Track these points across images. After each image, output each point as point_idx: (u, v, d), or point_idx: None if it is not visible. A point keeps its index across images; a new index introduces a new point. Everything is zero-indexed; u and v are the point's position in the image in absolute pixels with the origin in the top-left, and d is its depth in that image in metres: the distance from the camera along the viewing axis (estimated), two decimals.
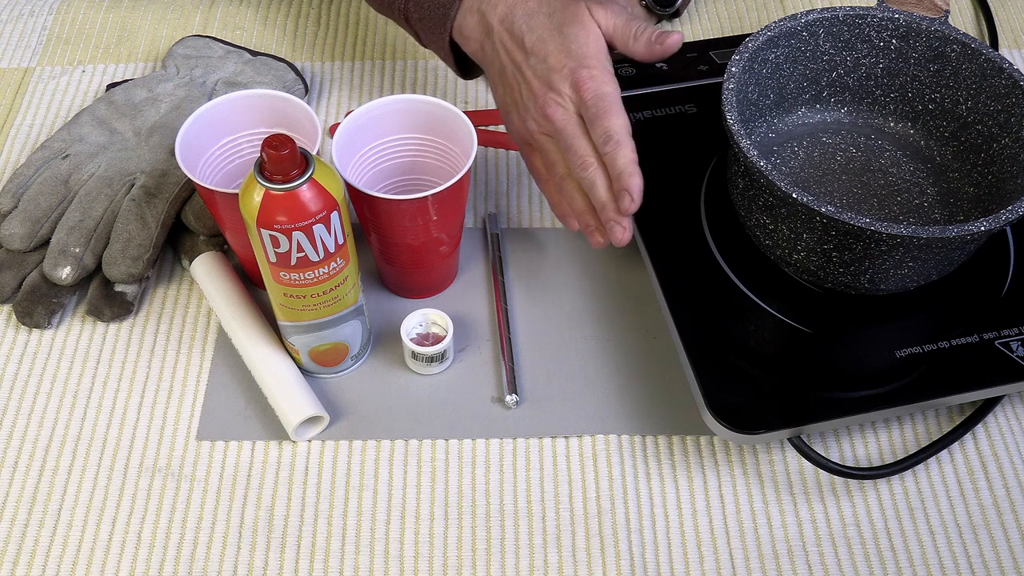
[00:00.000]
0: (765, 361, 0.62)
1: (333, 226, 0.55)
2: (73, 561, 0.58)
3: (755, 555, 0.59)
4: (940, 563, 0.59)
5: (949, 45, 0.67)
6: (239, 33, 0.87)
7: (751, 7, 0.91)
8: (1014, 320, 0.63)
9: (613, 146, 0.60)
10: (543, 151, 0.64)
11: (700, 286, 0.65)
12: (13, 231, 0.68)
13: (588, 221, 0.64)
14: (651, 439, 0.63)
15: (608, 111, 0.60)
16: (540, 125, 0.63)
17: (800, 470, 0.62)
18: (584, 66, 0.61)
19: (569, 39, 0.62)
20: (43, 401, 0.65)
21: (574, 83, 0.61)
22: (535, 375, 0.66)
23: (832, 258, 0.61)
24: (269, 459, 0.62)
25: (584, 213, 0.64)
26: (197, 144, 0.64)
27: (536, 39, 0.62)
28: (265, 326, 0.65)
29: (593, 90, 0.60)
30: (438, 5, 0.66)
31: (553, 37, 0.62)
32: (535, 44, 0.62)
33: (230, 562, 0.58)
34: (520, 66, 0.63)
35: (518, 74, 0.64)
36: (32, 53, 0.86)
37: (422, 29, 0.69)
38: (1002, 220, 0.57)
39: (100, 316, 0.68)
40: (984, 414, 0.64)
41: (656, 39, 0.62)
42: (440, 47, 0.69)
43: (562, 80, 0.61)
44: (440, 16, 0.67)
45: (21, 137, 0.80)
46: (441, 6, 0.66)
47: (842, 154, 0.71)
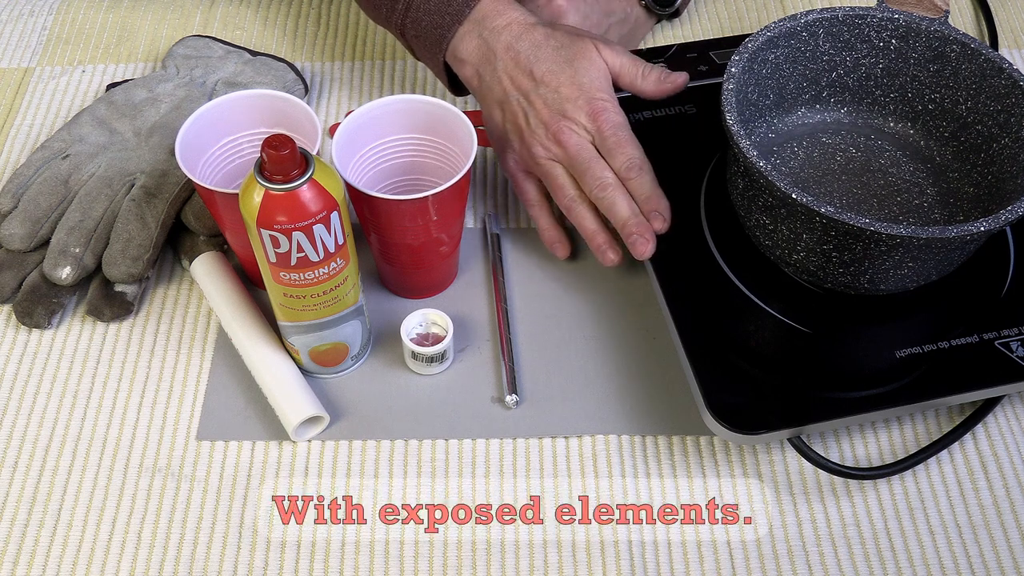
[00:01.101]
0: (765, 361, 0.62)
1: (333, 226, 0.55)
2: (73, 561, 0.58)
3: (755, 555, 0.59)
4: (940, 563, 0.59)
5: (949, 45, 0.67)
6: (239, 33, 0.88)
7: (751, 7, 0.91)
8: (1014, 320, 0.63)
9: (637, 172, 0.64)
10: (548, 176, 0.67)
11: (700, 286, 0.65)
12: (13, 231, 0.68)
13: (599, 241, 0.67)
14: (651, 439, 0.63)
15: (627, 141, 0.64)
16: (548, 151, 0.66)
17: (800, 470, 0.62)
18: (598, 98, 0.65)
19: (580, 72, 0.65)
20: (43, 401, 0.65)
21: (590, 113, 0.64)
22: (535, 375, 0.66)
23: (832, 258, 0.61)
24: (269, 459, 0.62)
25: (596, 233, 0.67)
26: (197, 144, 0.64)
27: (546, 70, 0.65)
28: (265, 326, 0.65)
29: (611, 121, 0.64)
30: (436, 26, 0.67)
31: (563, 69, 0.65)
32: (545, 74, 0.65)
33: (230, 562, 0.58)
34: (528, 94, 0.66)
35: (524, 101, 0.66)
36: (32, 53, 0.86)
37: (418, 46, 0.70)
38: (1002, 220, 0.57)
39: (100, 316, 0.68)
40: (984, 414, 0.64)
41: (665, 78, 0.67)
42: (434, 64, 0.70)
43: (577, 110, 0.65)
44: (436, 37, 0.68)
45: (21, 137, 0.80)
46: (439, 27, 0.67)
47: (842, 154, 0.71)
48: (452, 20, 0.66)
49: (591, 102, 0.64)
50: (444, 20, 0.66)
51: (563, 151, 0.65)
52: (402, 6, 0.68)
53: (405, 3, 0.68)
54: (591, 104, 0.64)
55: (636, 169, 0.64)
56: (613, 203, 0.64)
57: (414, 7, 0.68)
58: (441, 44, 0.67)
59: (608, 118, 0.64)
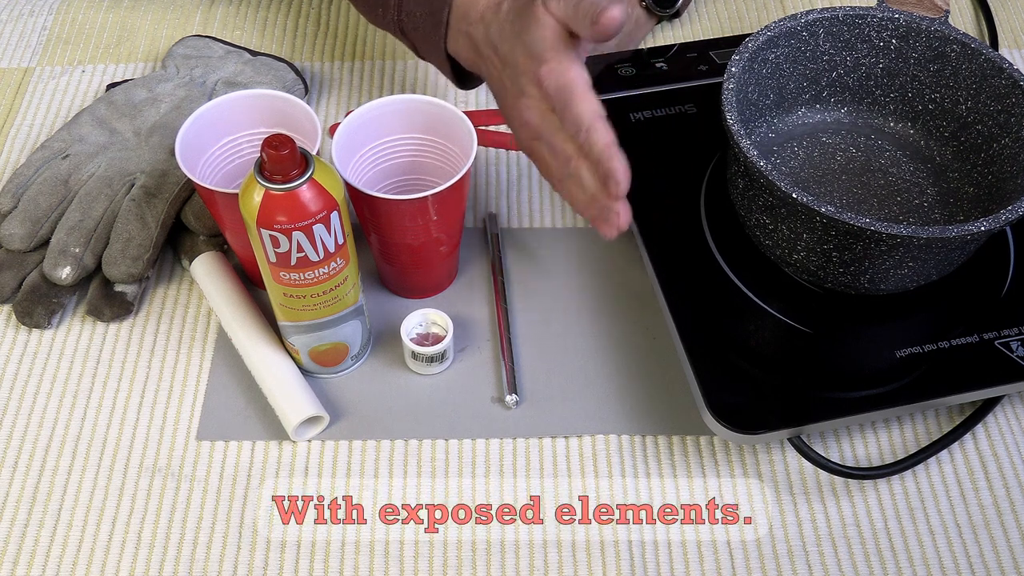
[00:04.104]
0: (765, 361, 0.62)
1: (333, 226, 0.55)
2: (73, 561, 0.58)
3: (755, 555, 0.59)
4: (940, 563, 0.59)
5: (949, 45, 0.67)
6: (239, 33, 0.87)
7: (751, 7, 0.91)
8: (1014, 320, 0.63)
9: (585, 134, 0.57)
10: (539, 157, 0.63)
11: (700, 286, 0.65)
12: (13, 231, 0.68)
13: (593, 213, 0.61)
14: (651, 439, 0.63)
15: (571, 99, 0.58)
16: (524, 132, 0.62)
17: (800, 470, 0.62)
18: (542, 61, 0.59)
19: (529, 42, 0.60)
20: (43, 401, 0.65)
21: (536, 81, 0.59)
22: (535, 375, 0.66)
23: (832, 258, 0.61)
24: (269, 459, 0.62)
25: (587, 206, 0.61)
26: (197, 144, 0.64)
27: (507, 50, 0.61)
28: (265, 326, 0.65)
29: (553, 82, 0.58)
30: (430, 12, 0.66)
31: (517, 43, 0.60)
32: (507, 55, 0.61)
33: (230, 562, 0.58)
34: (503, 79, 0.63)
35: (503, 88, 0.63)
36: (32, 53, 0.86)
37: (418, 39, 0.69)
38: (1002, 220, 0.57)
39: (100, 316, 0.68)
40: (984, 414, 0.64)
41: (597, 17, 0.56)
42: (437, 56, 0.69)
43: (528, 82, 0.60)
44: (433, 23, 0.66)
45: (21, 137, 0.80)
46: (432, 12, 0.66)
47: (842, 154, 0.71)
48: (440, 4, 0.65)
49: (536, 69, 0.59)
50: (434, 6, 0.66)
51: (531, 130, 0.61)
52: (395, 2, 0.68)
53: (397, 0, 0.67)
54: (536, 72, 0.59)
55: (583, 131, 0.57)
56: (579, 178, 0.59)
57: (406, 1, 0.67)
58: (439, 31, 0.66)
59: (549, 81, 0.58)
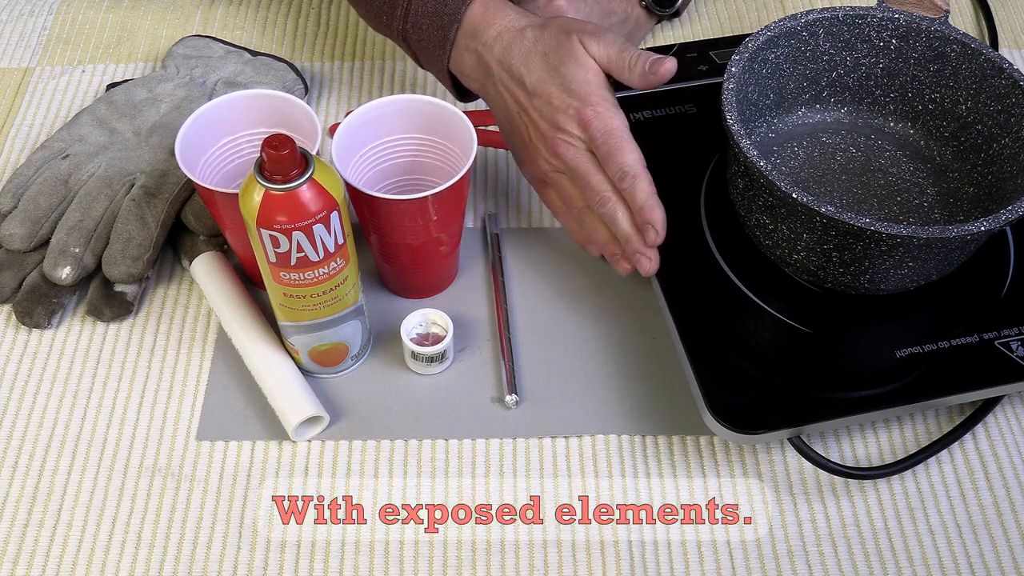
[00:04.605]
0: (765, 361, 0.62)
1: (333, 226, 0.55)
2: (73, 561, 0.58)
3: (755, 555, 0.59)
4: (940, 563, 0.59)
5: (949, 45, 0.67)
6: (239, 33, 0.87)
7: (751, 7, 0.91)
8: (1014, 320, 0.63)
9: (630, 181, 0.62)
10: (559, 187, 0.66)
11: (700, 286, 0.65)
12: (13, 231, 0.68)
13: (613, 250, 0.66)
14: (651, 439, 0.63)
15: (619, 147, 0.62)
16: (551, 164, 0.65)
17: (800, 470, 0.62)
18: (588, 104, 0.62)
19: (568, 79, 0.63)
20: (43, 401, 0.65)
21: (581, 123, 0.62)
22: (535, 375, 0.66)
23: (832, 258, 0.61)
24: (269, 459, 0.62)
25: (608, 243, 0.66)
26: (197, 144, 0.64)
27: (536, 80, 0.64)
28: (265, 326, 0.65)
29: (601, 128, 0.62)
30: (436, 28, 0.66)
31: (552, 78, 0.63)
32: (536, 85, 0.64)
33: (230, 562, 0.58)
34: (525, 108, 0.65)
35: (524, 116, 0.65)
36: (32, 53, 0.86)
37: (421, 52, 0.69)
38: (1002, 220, 0.57)
39: (100, 316, 0.68)
40: (984, 414, 0.64)
41: (650, 68, 0.63)
42: (439, 71, 0.69)
43: (568, 120, 0.63)
44: (439, 39, 0.67)
45: (21, 137, 0.80)
46: (439, 28, 0.66)
47: (842, 154, 0.71)
48: (450, 20, 0.66)
49: (581, 110, 0.62)
50: (443, 21, 0.66)
51: (563, 164, 0.64)
52: (401, 12, 0.68)
53: (404, 9, 0.68)
54: (581, 112, 0.62)
55: (629, 179, 0.62)
56: (613, 218, 0.63)
57: (413, 11, 0.67)
58: (444, 46, 0.67)
59: (598, 126, 0.62)
